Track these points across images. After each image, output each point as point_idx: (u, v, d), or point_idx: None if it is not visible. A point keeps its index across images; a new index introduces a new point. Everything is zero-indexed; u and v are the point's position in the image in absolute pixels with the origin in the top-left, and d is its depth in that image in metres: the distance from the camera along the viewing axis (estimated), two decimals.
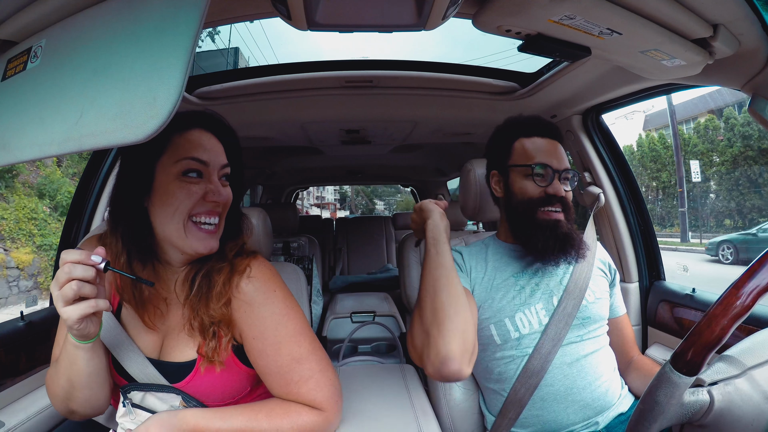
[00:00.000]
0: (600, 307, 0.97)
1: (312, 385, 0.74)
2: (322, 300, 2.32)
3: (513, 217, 1.00)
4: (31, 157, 0.51)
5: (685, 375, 0.54)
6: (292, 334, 0.74)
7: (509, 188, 1.00)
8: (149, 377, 0.73)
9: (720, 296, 0.55)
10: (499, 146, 1.03)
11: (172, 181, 0.69)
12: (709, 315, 0.54)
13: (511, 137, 1.01)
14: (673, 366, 0.55)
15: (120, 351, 0.73)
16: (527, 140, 0.99)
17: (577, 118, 1.40)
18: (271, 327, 0.73)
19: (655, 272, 1.35)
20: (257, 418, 0.70)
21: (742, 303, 0.53)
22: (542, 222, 0.94)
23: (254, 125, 1.61)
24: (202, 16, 0.43)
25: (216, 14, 0.85)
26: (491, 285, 0.95)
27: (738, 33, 0.73)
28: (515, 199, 0.98)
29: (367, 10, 0.74)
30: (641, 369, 1.01)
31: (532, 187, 0.96)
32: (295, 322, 0.75)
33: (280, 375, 0.73)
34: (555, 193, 0.94)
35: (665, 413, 0.55)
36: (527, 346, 0.91)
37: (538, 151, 0.97)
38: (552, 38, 0.75)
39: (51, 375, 0.73)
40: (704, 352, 0.53)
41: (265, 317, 0.73)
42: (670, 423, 0.56)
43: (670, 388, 0.55)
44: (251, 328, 0.73)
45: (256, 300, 0.73)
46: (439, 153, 2.62)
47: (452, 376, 0.74)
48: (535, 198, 0.95)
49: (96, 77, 0.48)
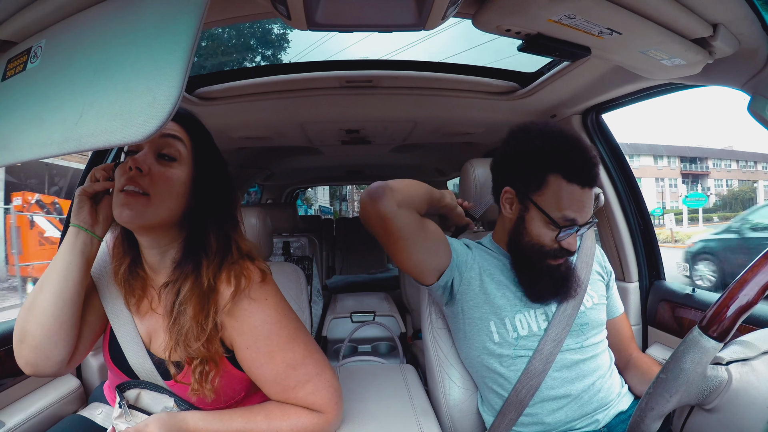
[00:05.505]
0: (598, 313, 0.96)
1: (310, 389, 0.73)
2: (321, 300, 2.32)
3: (516, 248, 0.94)
4: (31, 157, 0.51)
5: (714, 339, 0.53)
6: (285, 341, 0.73)
7: (523, 221, 0.91)
8: (146, 371, 0.73)
9: (751, 263, 0.54)
10: (528, 168, 0.90)
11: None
12: (741, 279, 0.54)
13: (546, 169, 0.88)
14: (704, 330, 0.54)
15: (123, 335, 0.74)
16: (565, 185, 0.86)
17: (577, 118, 1.40)
18: (263, 336, 0.71)
19: (655, 272, 1.35)
20: (255, 420, 0.70)
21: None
22: (546, 268, 0.91)
23: (254, 125, 1.61)
24: (202, 16, 0.43)
25: (216, 14, 0.85)
26: (492, 280, 0.95)
27: (738, 33, 0.73)
28: (526, 238, 0.91)
29: (367, 10, 0.74)
30: (640, 367, 1.01)
31: (549, 237, 0.89)
32: (288, 329, 0.74)
33: (276, 382, 0.72)
34: (568, 248, 0.89)
35: (689, 383, 0.54)
36: (524, 347, 0.91)
37: (571, 204, 0.87)
38: (552, 38, 0.75)
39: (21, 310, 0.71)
40: (737, 316, 0.53)
41: (256, 326, 0.71)
42: (688, 398, 0.56)
43: (698, 353, 0.54)
44: (243, 338, 0.71)
45: (246, 311, 0.71)
46: (439, 153, 2.62)
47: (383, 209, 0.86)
48: (547, 249, 0.89)
49: (96, 77, 0.48)
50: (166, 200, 0.69)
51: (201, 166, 0.74)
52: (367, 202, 0.88)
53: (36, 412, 0.98)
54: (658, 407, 0.56)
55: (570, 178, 0.86)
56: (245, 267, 0.73)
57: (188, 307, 0.69)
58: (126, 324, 0.75)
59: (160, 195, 0.68)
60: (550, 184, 0.88)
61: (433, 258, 0.93)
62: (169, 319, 0.70)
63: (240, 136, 1.71)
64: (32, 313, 0.69)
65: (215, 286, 0.71)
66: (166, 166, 0.70)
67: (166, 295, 0.72)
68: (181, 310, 0.69)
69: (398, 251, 0.91)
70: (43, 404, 1.00)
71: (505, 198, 0.95)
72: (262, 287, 0.73)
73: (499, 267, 0.97)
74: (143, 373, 0.73)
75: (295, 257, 2.41)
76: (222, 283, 0.71)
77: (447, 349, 1.05)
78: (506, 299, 0.93)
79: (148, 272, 0.76)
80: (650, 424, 0.57)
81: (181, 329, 0.69)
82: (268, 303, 0.73)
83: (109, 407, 0.80)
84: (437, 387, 1.04)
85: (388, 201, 0.86)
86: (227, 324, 0.71)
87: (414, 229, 0.89)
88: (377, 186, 0.88)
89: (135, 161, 0.68)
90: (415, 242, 0.90)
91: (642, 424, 0.58)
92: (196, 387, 0.68)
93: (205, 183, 0.74)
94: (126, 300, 0.76)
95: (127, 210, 0.67)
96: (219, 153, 0.79)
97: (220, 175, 0.77)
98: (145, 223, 0.69)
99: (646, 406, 0.58)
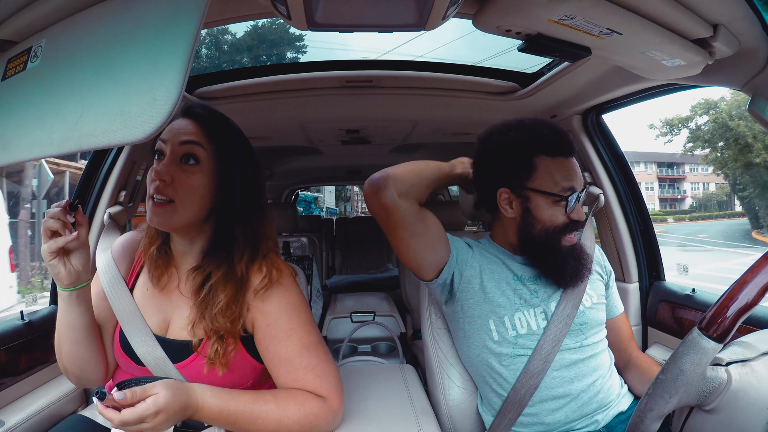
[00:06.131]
0: (597, 312, 0.96)
1: (318, 373, 0.76)
2: (321, 300, 2.32)
3: (531, 243, 0.94)
4: (31, 157, 0.51)
5: (714, 340, 0.53)
6: (304, 322, 0.78)
7: (529, 213, 0.92)
8: (156, 359, 0.75)
9: (752, 265, 0.55)
10: (513, 161, 0.92)
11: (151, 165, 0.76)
12: (741, 280, 0.54)
13: (530, 154, 0.92)
14: (703, 331, 0.54)
15: (130, 327, 0.77)
16: (552, 161, 0.91)
17: (577, 118, 1.40)
18: (285, 315, 0.76)
19: (655, 272, 1.35)
20: (263, 398, 0.72)
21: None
22: (565, 249, 0.92)
23: (254, 125, 1.61)
24: (202, 16, 0.43)
25: (216, 14, 0.85)
26: (492, 278, 0.95)
27: (738, 33, 0.73)
28: (539, 227, 0.91)
29: (367, 10, 0.74)
30: (640, 367, 1.01)
31: (560, 213, 0.90)
32: (307, 314, 0.80)
33: (290, 360, 0.75)
34: (579, 219, 0.91)
35: (689, 384, 0.54)
36: (523, 346, 0.91)
37: (565, 176, 0.90)
38: (552, 38, 0.75)
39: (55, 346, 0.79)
40: (736, 317, 0.53)
41: (280, 306, 0.77)
42: (688, 399, 0.56)
43: (698, 354, 0.54)
44: (266, 316, 0.76)
45: (274, 294, 0.77)
46: (439, 153, 2.61)
47: (384, 199, 0.87)
48: (561, 226, 0.91)
49: (96, 77, 0.48)
50: (190, 205, 0.74)
51: (224, 165, 0.76)
52: (369, 192, 0.90)
53: (36, 411, 0.98)
54: (657, 408, 0.56)
55: (554, 153, 0.91)
56: (275, 260, 0.80)
57: (219, 289, 0.75)
58: (134, 317, 0.78)
59: (184, 201, 0.73)
60: (539, 165, 0.91)
61: (432, 253, 0.93)
62: (197, 297, 0.75)
63: None
64: (62, 355, 0.78)
65: (248, 276, 0.77)
66: (189, 171, 0.74)
67: (194, 278, 0.77)
68: (212, 290, 0.75)
69: (398, 240, 0.92)
70: (43, 403, 1.00)
71: (502, 200, 0.95)
72: (289, 276, 0.80)
73: (499, 266, 0.97)
74: (152, 361, 0.75)
75: (295, 257, 2.41)
76: (254, 273, 0.77)
77: (447, 349, 1.05)
78: (506, 297, 0.93)
79: (175, 255, 0.82)
80: (650, 424, 0.57)
81: (209, 305, 0.74)
82: (293, 289, 0.80)
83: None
84: (437, 387, 1.04)
85: (389, 191, 0.87)
86: (253, 306, 0.76)
87: (414, 220, 0.90)
88: (379, 176, 0.89)
89: (158, 174, 0.72)
90: (413, 234, 0.91)
91: (641, 424, 0.58)
92: (212, 356, 0.72)
93: (229, 181, 0.77)
94: (150, 273, 0.81)
95: (155, 218, 0.73)
96: (245, 149, 0.80)
97: (245, 171, 0.78)
98: (172, 227, 0.75)
99: (645, 406, 0.58)
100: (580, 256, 0.94)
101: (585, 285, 0.95)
